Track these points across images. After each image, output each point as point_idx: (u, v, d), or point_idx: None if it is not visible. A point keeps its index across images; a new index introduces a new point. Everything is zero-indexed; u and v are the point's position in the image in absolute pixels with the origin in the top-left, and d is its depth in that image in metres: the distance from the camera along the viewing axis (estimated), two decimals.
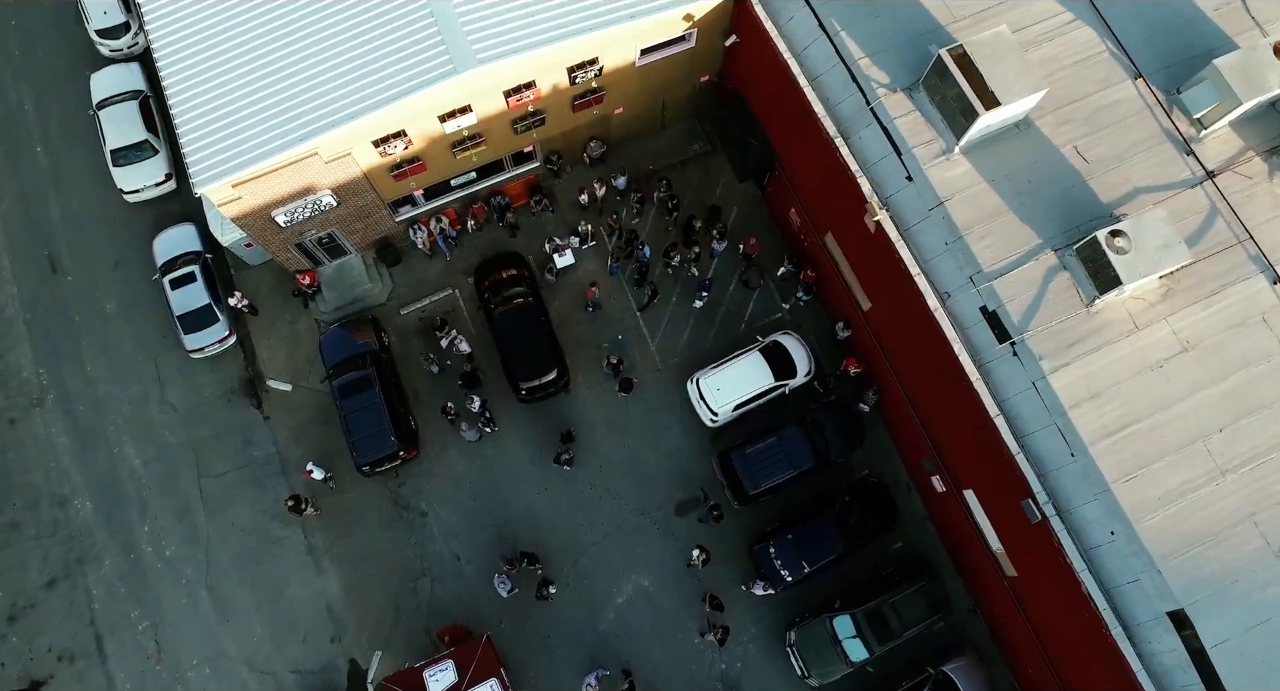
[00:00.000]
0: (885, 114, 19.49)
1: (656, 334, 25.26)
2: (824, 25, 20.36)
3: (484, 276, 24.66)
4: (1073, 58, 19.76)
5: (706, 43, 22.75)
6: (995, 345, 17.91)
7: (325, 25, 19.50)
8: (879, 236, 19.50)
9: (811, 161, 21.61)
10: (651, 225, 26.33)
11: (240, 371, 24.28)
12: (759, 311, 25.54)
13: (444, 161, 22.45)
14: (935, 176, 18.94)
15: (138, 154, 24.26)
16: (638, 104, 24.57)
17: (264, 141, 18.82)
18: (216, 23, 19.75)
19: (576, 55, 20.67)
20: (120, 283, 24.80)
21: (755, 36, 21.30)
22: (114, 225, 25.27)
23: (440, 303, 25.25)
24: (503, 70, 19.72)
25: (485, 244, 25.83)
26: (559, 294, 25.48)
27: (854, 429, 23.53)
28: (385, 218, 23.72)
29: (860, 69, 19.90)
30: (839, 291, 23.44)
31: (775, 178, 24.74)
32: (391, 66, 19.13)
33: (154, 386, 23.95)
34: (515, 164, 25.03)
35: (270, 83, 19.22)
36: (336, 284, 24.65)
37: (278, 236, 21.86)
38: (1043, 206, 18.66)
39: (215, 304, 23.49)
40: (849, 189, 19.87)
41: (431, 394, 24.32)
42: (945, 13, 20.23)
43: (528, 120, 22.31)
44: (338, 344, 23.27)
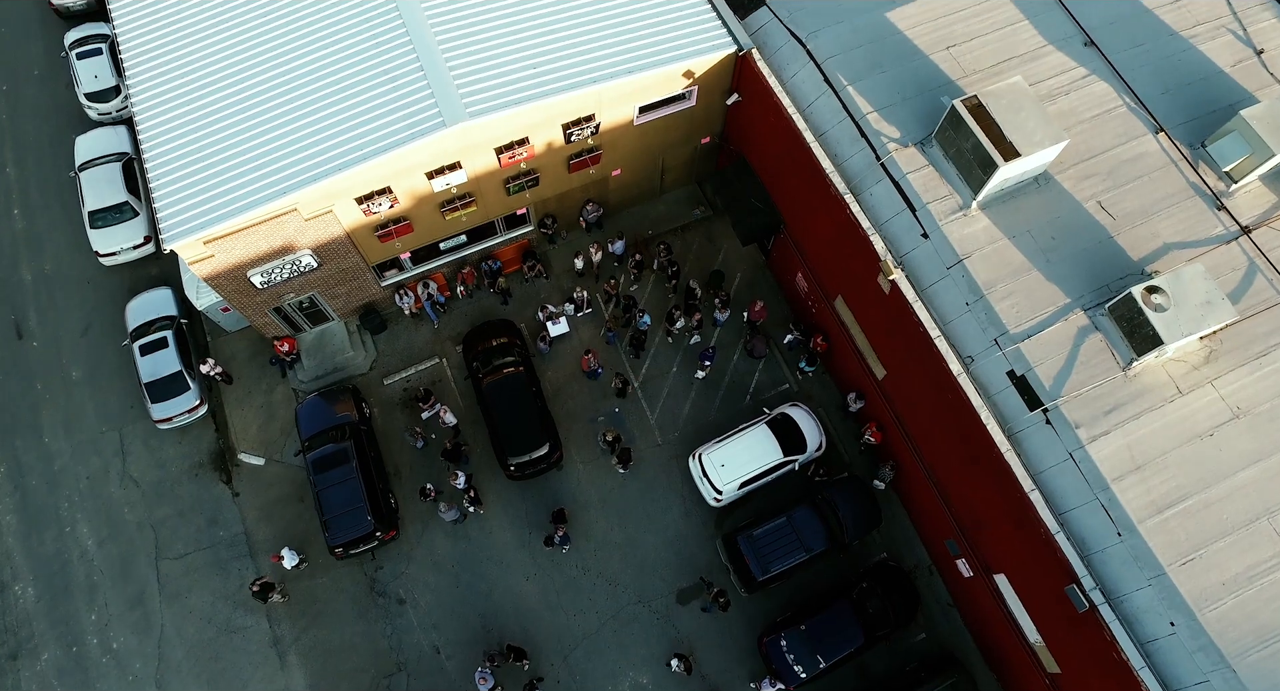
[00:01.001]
0: (897, 169, 18.51)
1: (656, 407, 23.71)
2: (829, 80, 19.68)
3: (473, 345, 23.32)
4: (1090, 112, 18.93)
5: (707, 102, 22.07)
6: (1026, 413, 16.33)
7: (310, 78, 18.80)
8: (894, 298, 18.21)
9: (820, 221, 20.55)
10: (650, 291, 25.14)
11: (210, 444, 22.64)
12: (765, 382, 24.05)
13: (432, 222, 21.43)
14: (953, 233, 17.79)
15: (116, 216, 23.34)
16: (636, 166, 23.75)
17: (240, 196, 17.80)
18: (200, 74, 19.09)
19: (572, 111, 19.90)
20: (88, 349, 23.48)
21: (758, 93, 20.60)
22: (87, 289, 24.14)
23: (426, 372, 23.82)
24: (494, 125, 18.89)
25: (475, 311, 24.60)
26: (552, 364, 24.08)
27: (870, 508, 21.67)
28: (370, 282, 22.55)
29: (869, 123, 19.06)
30: (851, 360, 22.00)
31: (780, 241, 23.68)
32: (378, 119, 18.30)
33: (116, 460, 22.27)
34: (508, 227, 24.04)
35: (250, 136, 18.37)
36: (317, 351, 23.28)
37: (254, 299, 20.61)
38: (1069, 263, 17.43)
39: (187, 371, 22.08)
40: (860, 248, 18.73)
41: (414, 470, 22.60)
42: (955, 67, 19.55)
43: (521, 180, 21.40)
44: (315, 414, 21.72)
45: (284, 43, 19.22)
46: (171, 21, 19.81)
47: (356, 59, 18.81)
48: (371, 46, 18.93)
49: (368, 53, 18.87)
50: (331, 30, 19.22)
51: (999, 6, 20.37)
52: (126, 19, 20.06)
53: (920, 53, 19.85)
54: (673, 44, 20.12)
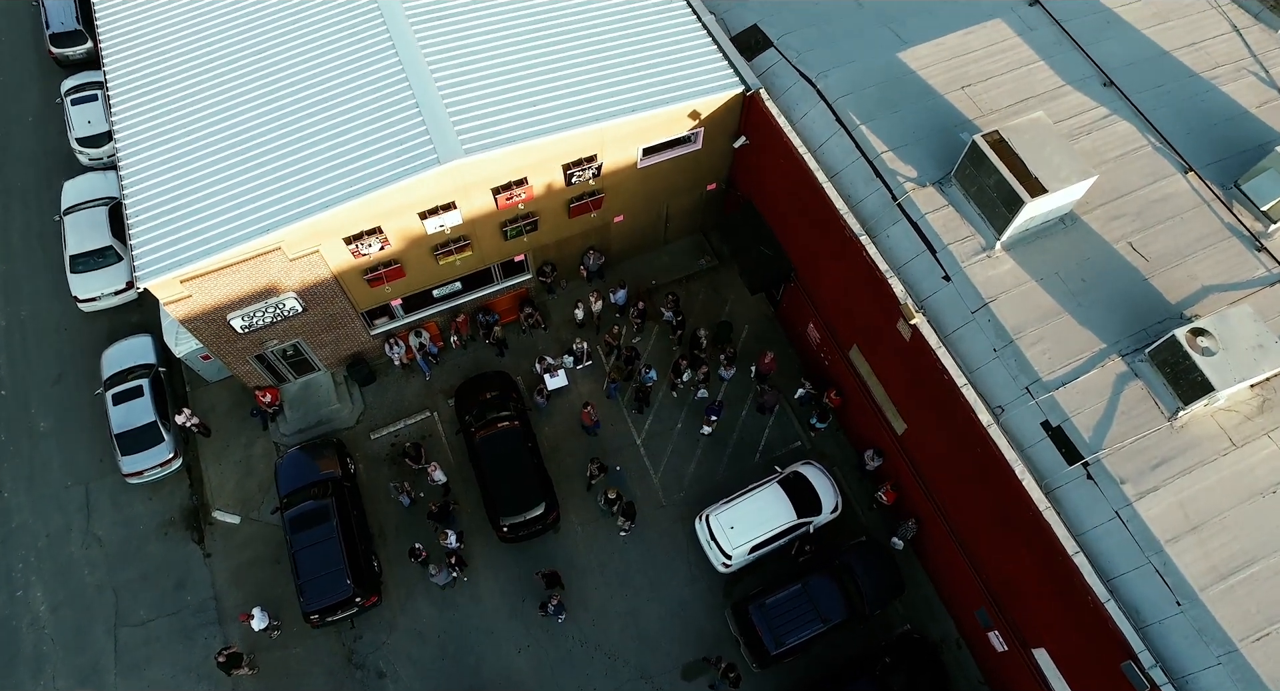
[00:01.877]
0: (915, 209, 17.58)
1: (659, 465, 22.26)
2: (841, 119, 18.95)
3: (466, 398, 22.04)
4: (1114, 151, 18.10)
5: (713, 145, 21.34)
6: (1064, 467, 14.91)
7: (301, 114, 18.11)
8: (915, 345, 17.01)
9: (833, 267, 19.53)
10: (654, 344, 23.99)
11: (183, 500, 21.16)
12: (775, 439, 22.65)
13: (425, 267, 20.44)
14: (976, 275, 16.70)
15: (99, 260, 22.44)
16: (640, 212, 22.91)
17: (221, 233, 16.86)
18: (187, 110, 18.44)
19: (573, 151, 19.11)
20: (59, 398, 22.25)
21: (767, 135, 19.86)
22: (63, 336, 23.07)
23: (416, 426, 22.49)
24: (491, 163, 18.07)
25: (469, 363, 23.42)
26: (550, 419, 22.75)
27: (892, 574, 19.97)
28: (358, 329, 21.44)
29: (884, 163, 18.22)
30: (867, 414, 20.64)
31: (790, 290, 22.64)
32: (369, 156, 17.50)
33: (79, 517, 20.77)
34: (505, 275, 23.06)
35: (236, 172, 17.56)
36: (300, 403, 22.01)
37: (235, 345, 19.48)
38: (1102, 307, 16.27)
39: (161, 422, 20.78)
40: (878, 293, 17.64)
41: (400, 531, 21.04)
42: (971, 106, 18.83)
43: (519, 223, 20.50)
44: (295, 470, 20.31)
45: (275, 79, 18.61)
46: (163, 57, 19.29)
47: (350, 95, 18.15)
48: (365, 82, 18.30)
49: (361, 88, 18.22)
50: (325, 66, 18.64)
51: (1013, 47, 19.80)
52: (117, 57, 19.55)
53: (934, 92, 19.17)
54: (678, 83, 19.49)
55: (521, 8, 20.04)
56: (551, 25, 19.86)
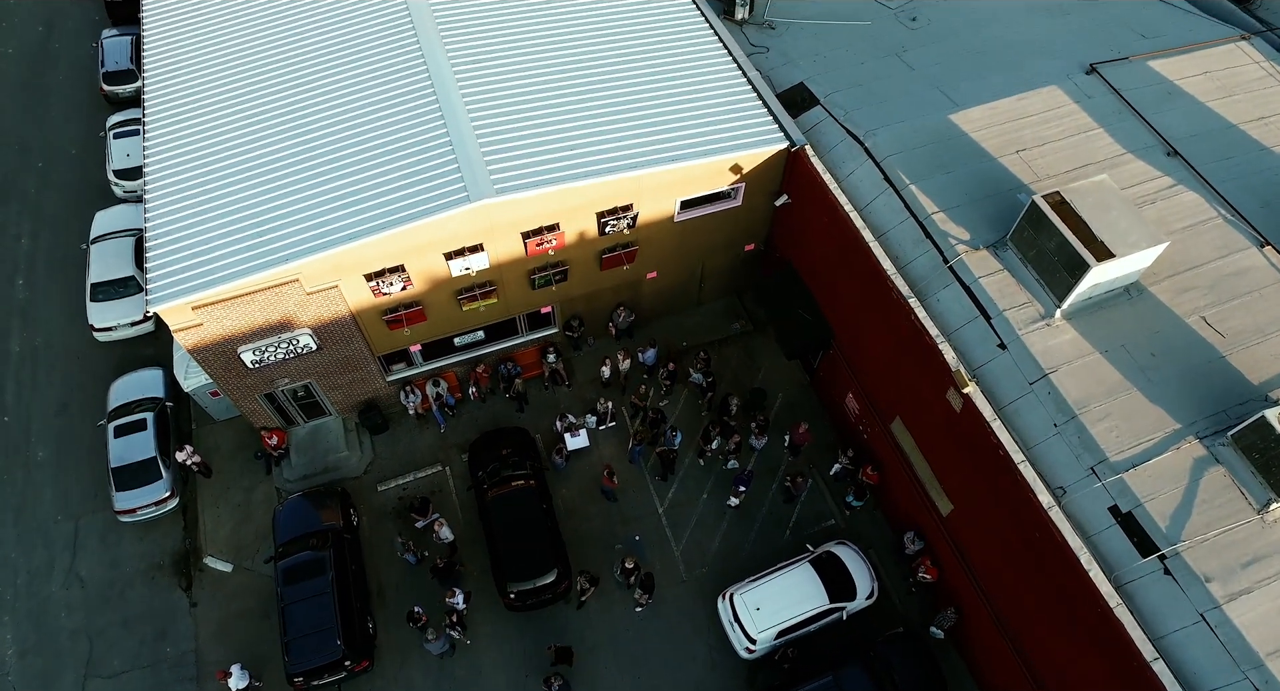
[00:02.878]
0: (967, 273, 16.50)
1: (682, 536, 20.74)
2: (890, 179, 18.14)
3: (481, 453, 20.86)
4: (1181, 222, 17.00)
5: (754, 202, 20.61)
6: (1138, 559, 13.29)
7: (333, 145, 17.74)
8: (967, 417, 15.65)
9: (877, 332, 18.38)
10: (682, 408, 22.78)
11: (175, 543, 20.00)
12: (807, 516, 21.07)
13: (447, 312, 19.64)
14: (1035, 344, 15.45)
15: (119, 290, 22.02)
16: (674, 270, 22.08)
17: (239, 260, 16.22)
18: (220, 138, 18.17)
19: (608, 198, 18.44)
20: (61, 428, 21.49)
21: (811, 192, 19.08)
22: (75, 365, 22.49)
23: (426, 480, 21.30)
24: (523, 205, 17.42)
25: (486, 417, 22.35)
26: (568, 481, 21.44)
27: (932, 671, 18.04)
28: (374, 374, 20.54)
29: (934, 224, 17.27)
30: (908, 493, 19.10)
31: (829, 358, 21.45)
32: (398, 190, 16.94)
33: (64, 554, 19.66)
34: (530, 328, 22.19)
35: (261, 201, 17.07)
36: (308, 448, 20.98)
37: (244, 381, 18.64)
38: (1174, 384, 14.87)
39: (161, 459, 19.84)
40: (925, 360, 16.42)
41: (400, 590, 19.62)
42: (1026, 171, 17.95)
43: (548, 272, 19.72)
44: (295, 518, 19.14)
45: (310, 111, 18.36)
46: (202, 86, 19.21)
47: (383, 130, 17.78)
48: (400, 118, 17.95)
49: (396, 124, 17.86)
50: (361, 100, 18.37)
51: (1070, 114, 19.04)
52: (157, 87, 19.48)
53: (988, 155, 18.36)
54: (720, 136, 18.91)
55: (564, 54, 19.82)
56: (594, 72, 19.55)
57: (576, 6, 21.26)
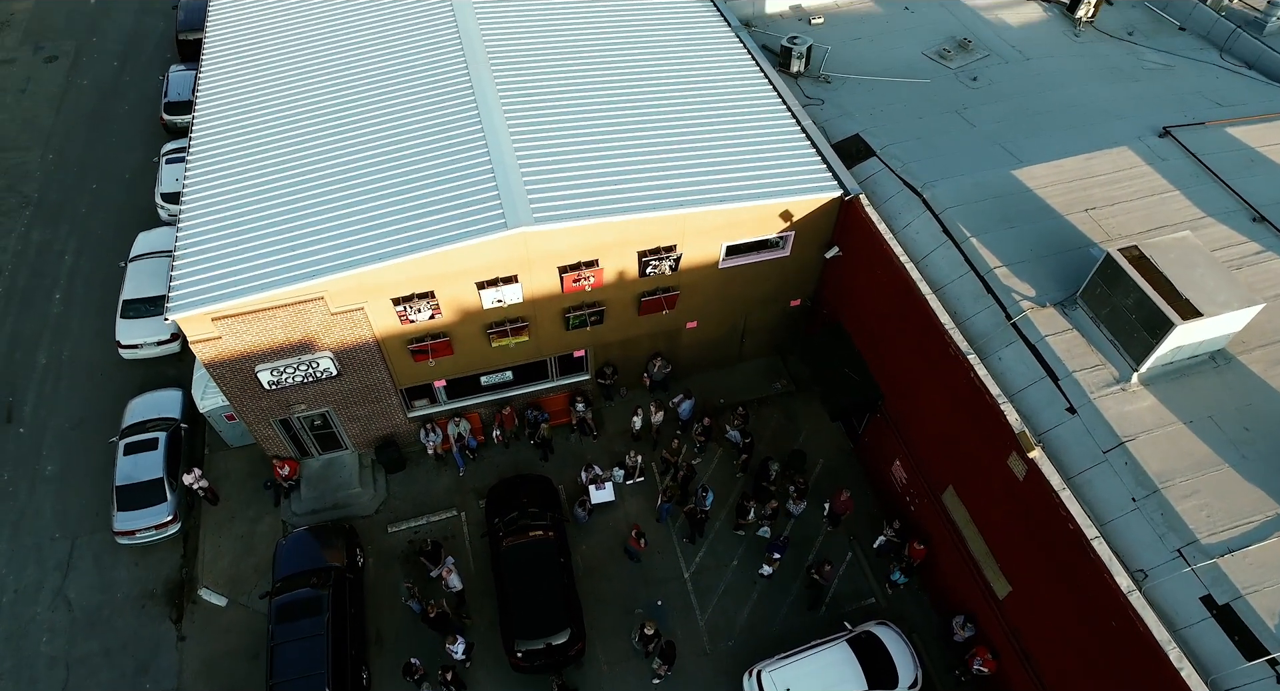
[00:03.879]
0: (1033, 331, 15.25)
1: (708, 604, 19.13)
2: (949, 231, 17.15)
3: (499, 499, 19.68)
4: (1273, 289, 15.63)
5: (802, 254, 19.71)
6: (1241, 662, 11.49)
7: (373, 166, 17.41)
8: (1031, 486, 14.15)
9: (930, 392, 17.06)
10: (716, 467, 21.44)
11: (171, 571, 18.97)
12: (845, 592, 19.34)
13: (476, 347, 18.83)
14: (1109, 409, 14.03)
15: (149, 308, 21.75)
16: (715, 321, 21.12)
17: (265, 273, 15.68)
18: (261, 151, 18.02)
19: (651, 236, 17.69)
20: (73, 443, 20.93)
21: (864, 244, 18.14)
22: (96, 381, 22.10)
23: (439, 525, 20.12)
24: (561, 237, 16.74)
25: (508, 463, 21.25)
26: (589, 536, 20.09)
27: None
28: (395, 408, 19.68)
29: (996, 279, 16.13)
30: (960, 571, 17.38)
31: (875, 423, 20.07)
32: (434, 213, 16.41)
33: (55, 574, 18.73)
34: (561, 372, 21.25)
35: (295, 217, 16.68)
36: (319, 482, 20.03)
37: (259, 403, 17.90)
38: (1273, 463, 13.25)
39: (169, 481, 19.04)
40: (985, 422, 15.04)
41: (400, 639, 18.23)
42: (1096, 230, 16.85)
43: (583, 312, 18.88)
44: (297, 552, 18.06)
45: (353, 132, 18.20)
46: (249, 106, 19.23)
47: (424, 154, 17.46)
48: (442, 143, 17.64)
49: (437, 148, 17.55)
50: (404, 123, 18.17)
51: (1143, 175, 18.00)
52: (206, 108, 19.56)
53: (1054, 212, 17.32)
54: (771, 180, 18.22)
55: (614, 92, 19.56)
56: (643, 110, 19.20)
57: (630, 47, 21.17)
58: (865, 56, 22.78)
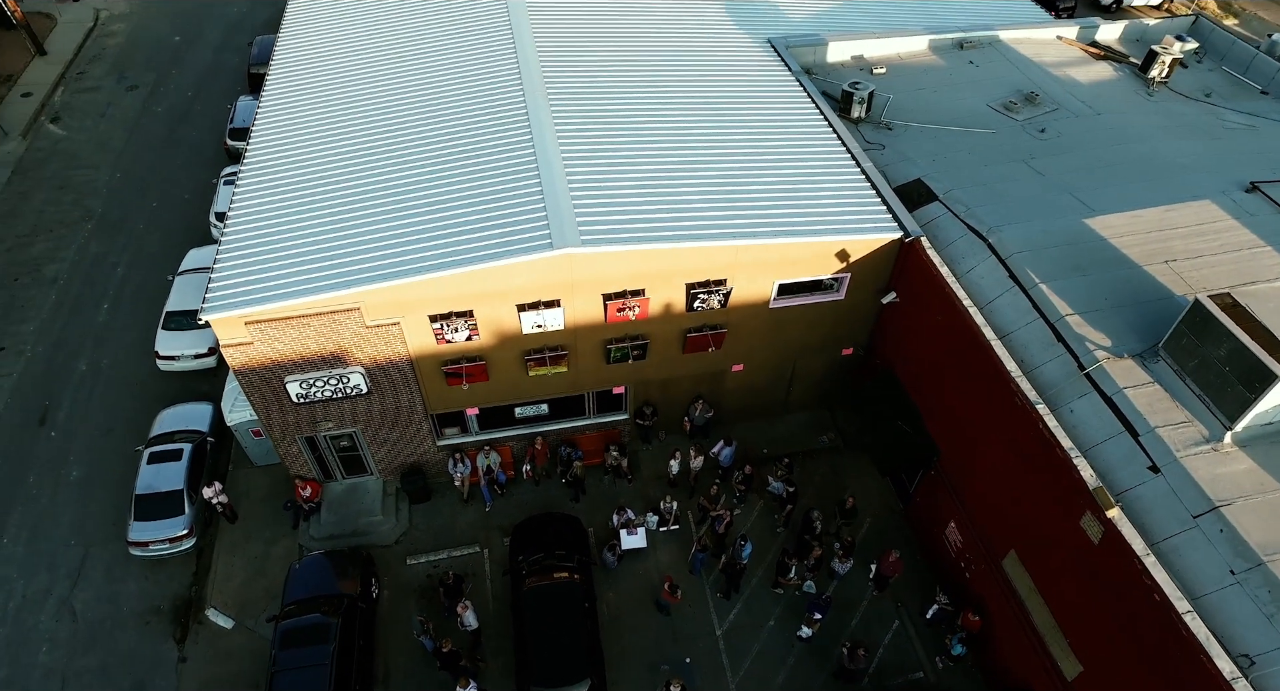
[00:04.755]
0: (1109, 382, 14.08)
1: (741, 666, 17.71)
2: (1016, 277, 16.18)
3: (525, 537, 18.71)
4: None
5: (858, 299, 18.83)
6: None
7: (421, 182, 17.23)
8: (1107, 551, 12.78)
9: (992, 447, 15.84)
10: (756, 519, 20.22)
11: (181, 588, 18.24)
12: (890, 663, 17.77)
13: (512, 375, 18.17)
14: (1199, 470, 12.70)
15: (190, 322, 21.66)
16: (762, 365, 20.21)
17: (302, 280, 15.33)
18: (312, 162, 18.02)
19: (701, 268, 17.01)
20: (101, 451, 20.65)
21: (924, 288, 17.22)
22: (131, 391, 21.97)
23: (460, 560, 19.14)
24: (608, 261, 16.17)
25: (537, 500, 20.31)
26: (617, 583, 18.92)
27: None
28: (424, 435, 19.01)
29: (1068, 327, 15.06)
30: (1021, 646, 15.77)
31: (929, 481, 18.76)
32: (479, 231, 16.00)
33: (65, 582, 18.15)
34: (599, 410, 20.43)
35: (339, 227, 16.45)
36: (341, 507, 19.30)
37: (286, 418, 17.38)
38: None
39: (189, 494, 18.48)
40: (1054, 479, 13.78)
41: (409, 678, 17.14)
42: (1178, 282, 15.74)
43: (625, 345, 18.15)
44: (309, 576, 17.23)
45: (405, 148, 18.17)
46: (305, 116, 19.42)
47: (473, 173, 17.27)
48: (493, 164, 17.46)
49: (487, 168, 17.35)
50: (456, 141, 18.05)
51: (1229, 229, 16.93)
52: (265, 120, 19.76)
53: (1131, 262, 16.28)
54: (828, 218, 17.53)
55: (669, 123, 19.41)
56: (699, 143, 18.90)
57: (688, 83, 21.03)
58: (928, 106, 22.28)
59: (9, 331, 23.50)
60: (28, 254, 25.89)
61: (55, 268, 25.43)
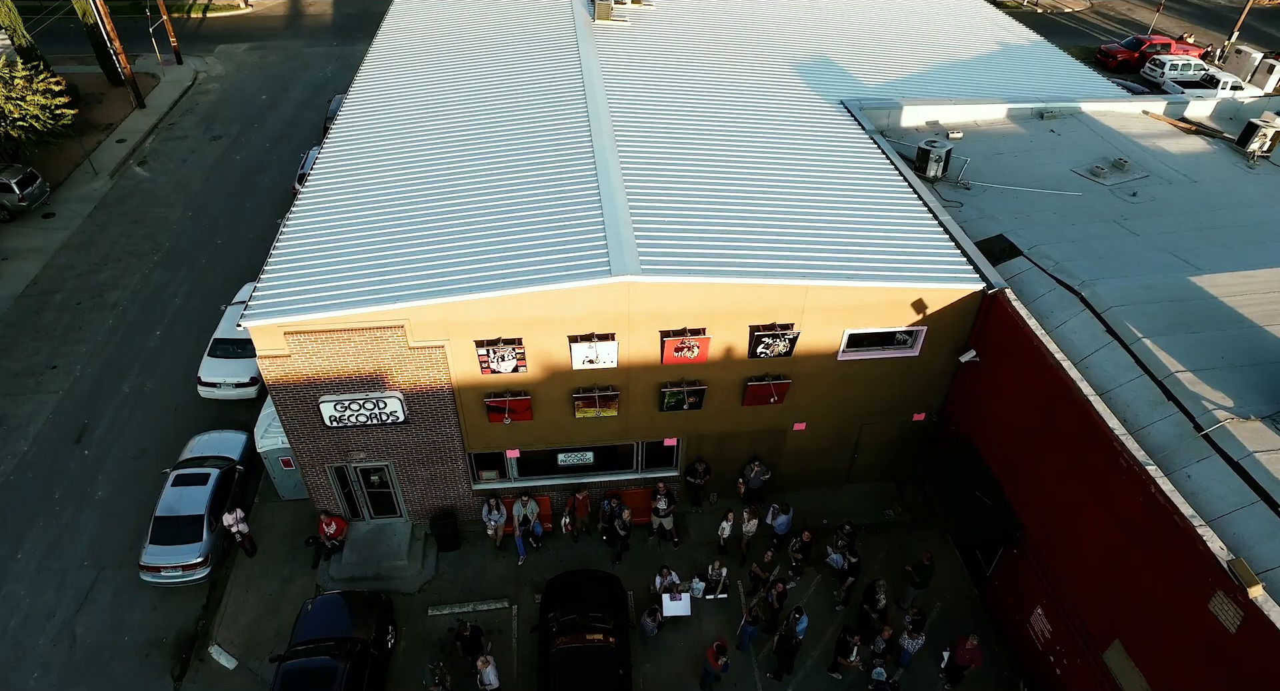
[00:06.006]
0: (1234, 445, 12.31)
1: None
2: (1115, 331, 14.68)
3: (558, 593, 17.13)
4: None
5: (934, 357, 17.45)
6: None
7: (480, 206, 16.78)
8: (1250, 640, 10.79)
9: (1092, 518, 13.97)
10: (813, 594, 18.31)
11: (187, 621, 17.01)
12: None
13: (558, 416, 17.07)
14: None
15: (236, 350, 21.34)
16: (826, 425, 18.74)
17: (347, 292, 14.70)
18: (373, 177, 17.90)
19: (767, 311, 15.90)
20: (130, 472, 20.00)
21: (1008, 343, 15.81)
22: (169, 415, 21.51)
23: (486, 615, 17.58)
24: (668, 294, 15.20)
25: (574, 557, 18.80)
26: (656, 651, 17.11)
27: None
28: (459, 476, 17.88)
29: (1179, 384, 13.42)
30: None
31: (1010, 559, 16.78)
32: (535, 254, 15.28)
33: (70, 605, 17.11)
34: (648, 464, 19.10)
35: (393, 245, 15.93)
36: (365, 547, 18.07)
37: (318, 443, 16.47)
38: None
39: (209, 520, 17.51)
40: (1172, 554, 11.90)
41: None
42: None
43: (681, 389, 16.97)
44: (322, 617, 15.89)
45: (465, 167, 17.92)
46: (373, 128, 19.63)
47: (533, 199, 16.83)
48: (553, 189, 17.01)
49: (547, 196, 16.91)
50: (518, 170, 17.71)
51: None
52: (331, 148, 19.78)
53: (1247, 322, 14.70)
54: (904, 265, 16.41)
55: (735, 163, 18.88)
56: (766, 185, 18.25)
57: (757, 130, 20.63)
58: (1007, 169, 21.37)
59: (64, 351, 23.53)
60: (94, 281, 26.28)
61: (117, 294, 25.68)
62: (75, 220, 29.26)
